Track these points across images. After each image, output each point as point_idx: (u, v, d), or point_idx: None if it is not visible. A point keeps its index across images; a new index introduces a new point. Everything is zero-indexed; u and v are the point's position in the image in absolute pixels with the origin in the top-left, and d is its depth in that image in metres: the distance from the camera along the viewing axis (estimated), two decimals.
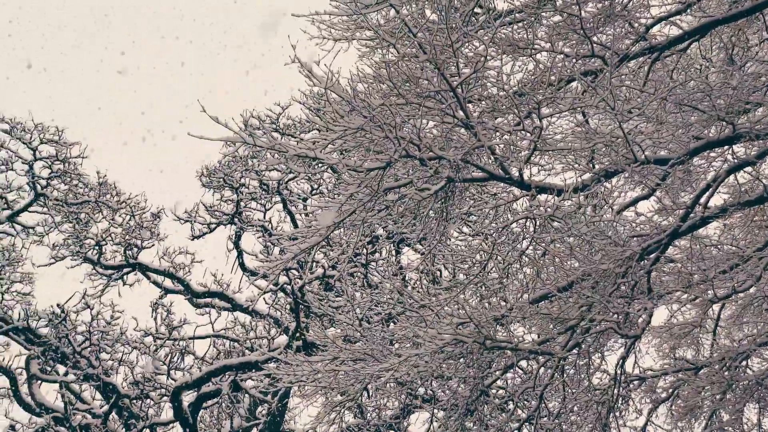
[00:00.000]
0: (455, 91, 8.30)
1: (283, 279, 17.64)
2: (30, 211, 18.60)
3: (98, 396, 18.11)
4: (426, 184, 8.85)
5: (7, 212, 18.25)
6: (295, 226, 19.55)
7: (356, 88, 9.17)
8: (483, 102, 9.39)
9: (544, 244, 9.12)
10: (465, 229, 14.13)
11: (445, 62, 8.59)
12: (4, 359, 19.09)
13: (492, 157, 8.73)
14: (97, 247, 19.06)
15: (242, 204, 19.51)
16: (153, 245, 19.57)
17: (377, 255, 17.62)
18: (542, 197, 8.81)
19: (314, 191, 19.73)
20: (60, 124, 22.54)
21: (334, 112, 8.70)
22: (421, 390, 12.42)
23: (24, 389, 18.09)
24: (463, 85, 8.49)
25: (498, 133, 9.13)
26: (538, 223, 8.78)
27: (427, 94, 8.47)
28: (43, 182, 18.51)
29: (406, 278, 15.95)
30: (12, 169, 18.36)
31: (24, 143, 18.31)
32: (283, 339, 17.79)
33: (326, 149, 9.72)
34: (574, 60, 9.18)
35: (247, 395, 18.20)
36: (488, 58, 8.60)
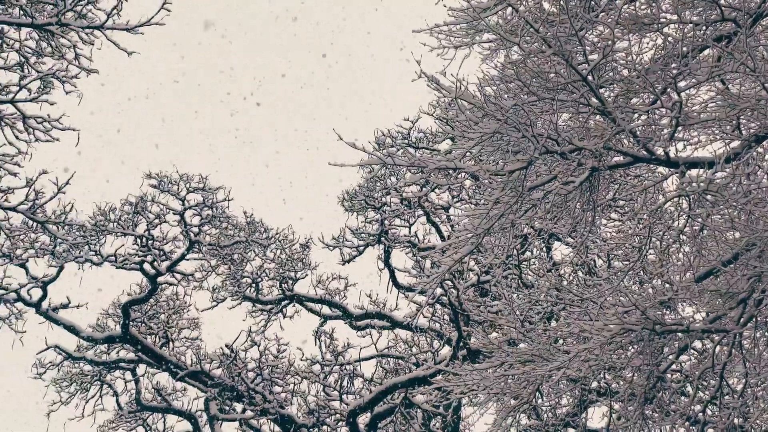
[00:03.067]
0: (586, 79, 8.19)
1: (438, 291, 17.71)
2: (187, 259, 19.27)
3: (276, 429, 18.58)
4: (570, 177, 8.75)
5: (167, 263, 18.96)
6: (441, 236, 19.61)
7: (485, 92, 9.15)
8: (616, 85, 9.21)
9: (701, 220, 8.86)
10: (614, 216, 13.88)
11: (572, 52, 8.49)
12: (183, 404, 19.85)
13: (634, 140, 8.56)
14: (253, 285, 19.60)
15: (387, 222, 19.70)
16: (306, 275, 20.00)
17: (528, 254, 17.50)
18: (692, 172, 8.57)
19: (455, 199, 19.76)
20: (191, 168, 23.31)
21: (468, 120, 8.71)
22: (595, 384, 12.24)
23: (206, 430, 18.74)
24: (594, 72, 8.36)
25: (636, 115, 8.95)
26: (691, 199, 8.53)
27: (558, 86, 8.38)
28: (196, 229, 19.15)
29: (562, 273, 15.76)
30: (165, 221, 19.07)
31: (173, 195, 19.00)
32: (446, 350, 17.86)
33: (464, 157, 9.73)
34: (704, 27, 8.91)
35: (419, 410, 18.32)
36: (615, 40, 8.44)
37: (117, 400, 19.89)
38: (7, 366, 20.26)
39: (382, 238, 19.65)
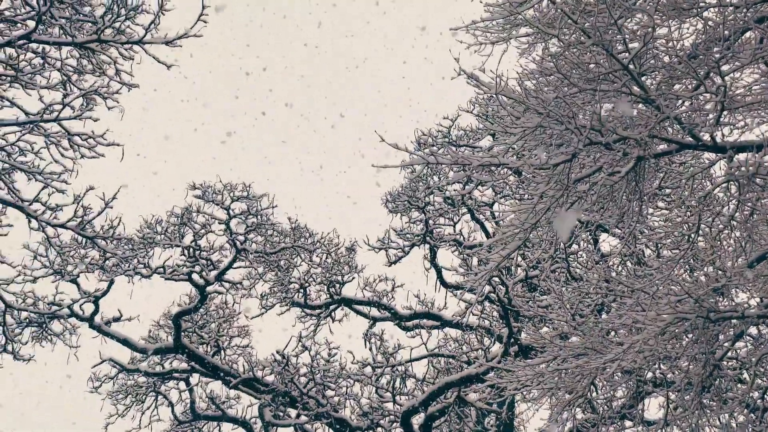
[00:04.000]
0: (627, 68, 8.12)
1: (486, 288, 17.65)
2: (234, 268, 19.39)
3: None
4: (616, 168, 8.68)
5: (215, 272, 19.10)
6: (487, 233, 19.55)
7: (525, 87, 9.11)
8: (658, 73, 9.12)
9: (751, 204, 8.74)
10: (661, 205, 13.74)
11: (612, 41, 8.42)
12: (237, 411, 19.97)
13: (679, 127, 8.47)
14: (301, 290, 19.67)
15: (431, 222, 19.68)
16: (353, 278, 20.03)
17: (575, 246, 17.39)
18: (740, 156, 8.46)
19: (498, 195, 19.70)
20: (229, 175, 23.43)
21: (510, 116, 8.68)
22: (650, 374, 12.12)
23: None
24: (635, 60, 8.29)
25: (680, 101, 8.86)
26: (740, 184, 8.42)
27: (599, 77, 8.32)
28: (241, 238, 19.27)
29: (611, 265, 15.63)
30: (211, 231, 19.21)
31: (217, 204, 19.14)
32: (497, 347, 17.79)
33: (507, 153, 9.69)
34: (744, 9, 8.79)
35: (473, 408, 18.27)
36: (655, 27, 8.36)
37: (172, 411, 20.07)
38: (64, 381, 20.52)
39: (427, 238, 19.63)
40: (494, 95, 8.72)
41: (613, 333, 10.93)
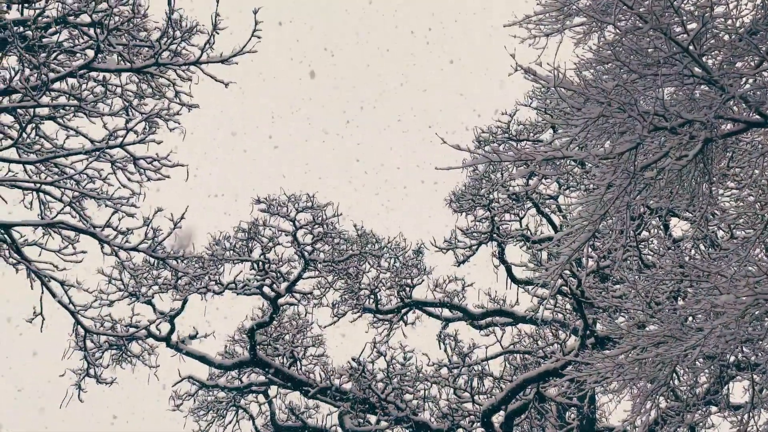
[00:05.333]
0: (687, 50, 8.01)
1: (558, 281, 17.51)
2: (304, 278, 19.50)
3: None
4: (683, 152, 8.55)
5: (285, 284, 19.24)
6: (553, 226, 19.42)
7: (584, 77, 9.03)
8: (718, 52, 8.97)
9: None
10: (731, 185, 13.49)
11: (669, 24, 8.30)
12: (317, 420, 20.09)
13: (745, 105, 8.32)
14: (372, 296, 19.72)
15: (497, 219, 19.60)
16: (422, 281, 20.03)
17: (645, 233, 17.16)
18: None
19: (563, 187, 19.54)
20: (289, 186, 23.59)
21: (570, 107, 8.60)
22: (733, 358, 11.91)
23: None
24: (694, 41, 8.17)
25: (743, 79, 8.69)
26: None
27: (659, 61, 8.21)
28: (309, 248, 19.38)
29: (683, 249, 15.40)
30: (279, 244, 19.37)
31: (283, 217, 19.28)
32: (573, 340, 17.64)
33: (570, 145, 9.61)
34: None
35: (553, 404, 18.15)
36: (713, 5, 8.22)
37: (253, 424, 20.26)
38: (146, 401, 20.86)
39: (494, 235, 19.55)
40: (553, 88, 8.65)
41: (691, 319, 10.77)
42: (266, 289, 19.08)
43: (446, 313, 19.94)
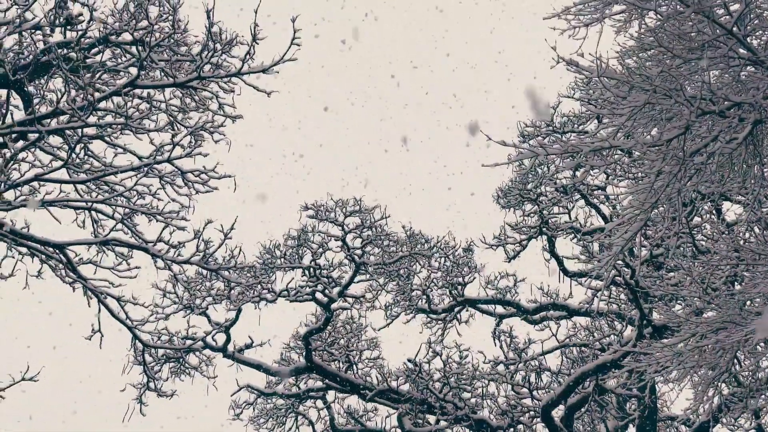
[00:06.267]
0: (731, 32, 7.90)
1: (611, 272, 17.35)
2: (356, 282, 19.56)
3: None
4: (733, 135, 8.44)
5: (337, 289, 19.30)
6: (603, 217, 19.25)
7: (626, 65, 8.94)
8: (763, 32, 8.84)
9: None
10: None
11: (712, 7, 8.20)
12: (376, 423, 20.13)
13: None
14: (424, 296, 19.71)
15: (545, 212, 19.48)
16: (474, 278, 19.96)
17: (698, 219, 16.94)
18: None
19: (610, 177, 19.36)
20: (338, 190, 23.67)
21: (615, 97, 8.53)
22: None
23: None
24: (738, 22, 8.06)
25: None
26: None
27: (704, 45, 8.11)
28: (359, 252, 19.41)
29: (737, 233, 15.17)
30: (329, 249, 19.43)
31: (331, 222, 19.35)
32: (630, 331, 17.47)
33: (617, 134, 9.52)
34: None
35: (613, 395, 17.99)
36: None
37: (313, 429, 20.35)
38: (206, 412, 21.03)
39: (544, 229, 19.43)
40: (597, 78, 8.59)
41: (749, 303, 10.62)
42: (318, 295, 19.15)
43: (499, 309, 19.86)
